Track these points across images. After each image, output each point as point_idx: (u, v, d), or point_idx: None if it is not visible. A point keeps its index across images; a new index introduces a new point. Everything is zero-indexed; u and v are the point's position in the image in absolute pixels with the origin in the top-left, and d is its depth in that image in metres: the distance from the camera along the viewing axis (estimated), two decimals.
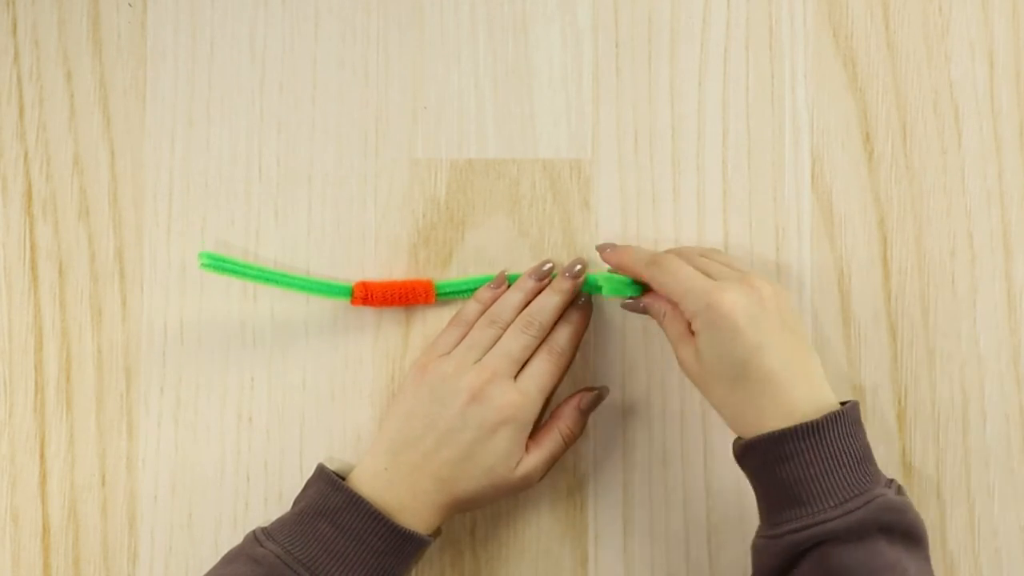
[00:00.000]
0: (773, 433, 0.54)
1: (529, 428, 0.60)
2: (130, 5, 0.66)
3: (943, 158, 0.65)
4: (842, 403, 0.56)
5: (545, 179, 0.66)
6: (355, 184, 0.66)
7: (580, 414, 0.62)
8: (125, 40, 0.66)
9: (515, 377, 0.60)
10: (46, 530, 0.65)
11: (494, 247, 0.65)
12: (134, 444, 0.65)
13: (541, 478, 0.61)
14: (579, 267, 0.62)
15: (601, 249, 0.63)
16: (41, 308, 0.65)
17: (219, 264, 0.62)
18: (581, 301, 0.63)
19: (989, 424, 0.65)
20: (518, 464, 0.59)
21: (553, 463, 0.61)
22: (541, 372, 0.60)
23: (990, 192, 0.65)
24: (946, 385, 0.65)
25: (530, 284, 0.63)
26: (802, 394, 0.55)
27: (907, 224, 0.65)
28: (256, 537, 0.58)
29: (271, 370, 0.65)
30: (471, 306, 0.63)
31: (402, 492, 0.58)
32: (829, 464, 0.54)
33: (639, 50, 0.66)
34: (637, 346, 0.65)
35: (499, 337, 0.61)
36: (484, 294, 0.63)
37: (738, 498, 0.64)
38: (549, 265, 0.63)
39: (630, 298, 0.61)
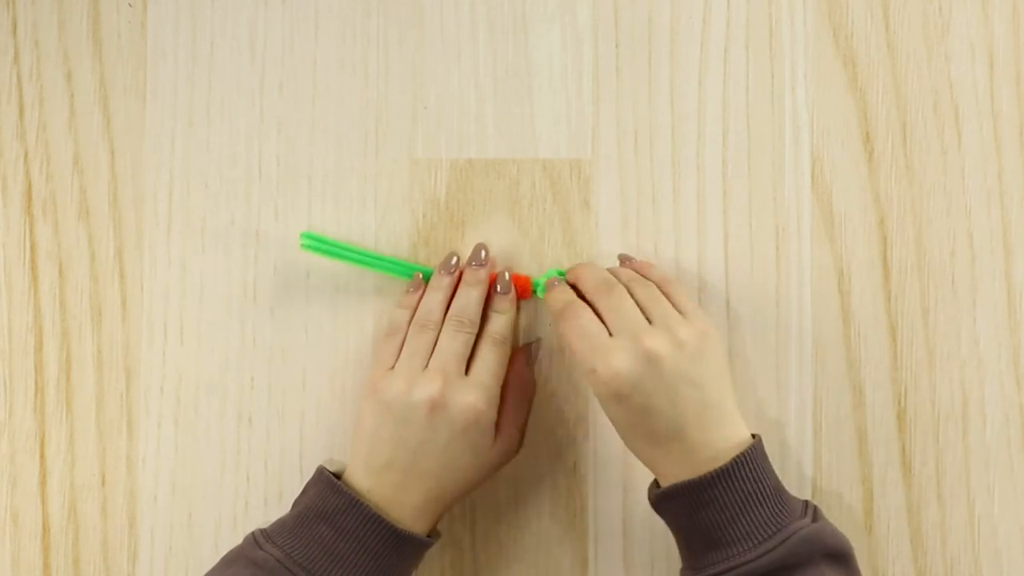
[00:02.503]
0: (686, 483, 0.55)
1: (494, 415, 0.60)
2: (130, 5, 0.66)
3: (943, 158, 0.65)
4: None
5: (545, 179, 0.66)
6: (355, 184, 0.66)
7: (528, 372, 0.64)
8: (125, 40, 0.66)
9: (466, 373, 0.61)
10: (46, 530, 0.65)
11: (494, 247, 0.65)
12: (134, 444, 0.65)
13: (520, 446, 0.63)
14: (483, 253, 0.63)
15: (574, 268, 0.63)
16: (41, 308, 0.65)
17: (319, 245, 0.63)
18: (501, 289, 0.63)
19: (989, 424, 0.65)
20: (496, 446, 0.60)
21: (525, 426, 0.63)
22: (489, 363, 0.61)
23: (990, 192, 0.65)
24: (946, 385, 0.65)
25: (445, 280, 0.63)
26: (710, 440, 0.56)
27: (907, 224, 0.65)
28: (255, 539, 0.58)
29: (271, 370, 0.65)
30: (399, 313, 0.63)
31: (392, 504, 0.58)
32: (744, 505, 0.55)
33: (639, 50, 0.66)
34: None
35: (435, 339, 0.61)
36: (408, 299, 0.63)
37: None
38: (455, 259, 0.63)
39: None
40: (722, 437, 0.56)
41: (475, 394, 0.59)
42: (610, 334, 0.57)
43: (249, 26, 0.66)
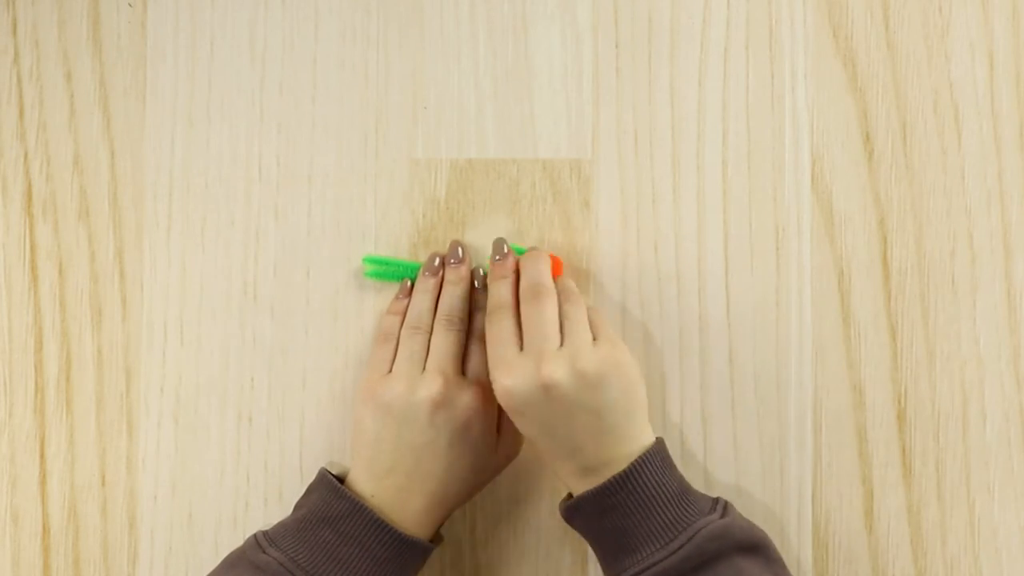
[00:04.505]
0: (587, 493, 0.56)
1: (495, 413, 0.60)
2: (130, 5, 0.66)
3: (943, 158, 0.65)
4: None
5: (545, 179, 0.66)
6: (355, 184, 0.66)
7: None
8: (125, 40, 0.66)
9: (463, 372, 0.61)
10: (46, 530, 0.65)
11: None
12: (134, 444, 0.65)
13: (520, 446, 0.62)
14: (459, 250, 0.64)
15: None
16: (41, 308, 0.65)
17: (380, 270, 0.65)
18: (479, 285, 0.64)
19: (989, 424, 0.65)
20: (498, 446, 0.61)
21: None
22: (484, 361, 0.60)
23: (990, 192, 0.65)
24: (946, 385, 0.65)
25: (431, 282, 0.63)
26: (608, 456, 0.56)
27: (907, 224, 0.65)
28: (258, 542, 0.58)
29: (271, 370, 0.65)
30: (389, 320, 0.63)
31: (395, 508, 0.58)
32: (648, 508, 0.56)
33: (639, 50, 0.66)
34: (637, 346, 0.65)
35: (428, 340, 0.61)
36: (397, 305, 0.64)
37: (737, 499, 0.64)
38: (438, 259, 0.64)
39: None
40: (622, 452, 0.57)
41: (475, 392, 0.59)
42: (521, 347, 0.58)
43: (249, 26, 0.66)
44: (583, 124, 0.66)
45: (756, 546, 0.56)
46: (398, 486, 0.58)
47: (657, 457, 0.57)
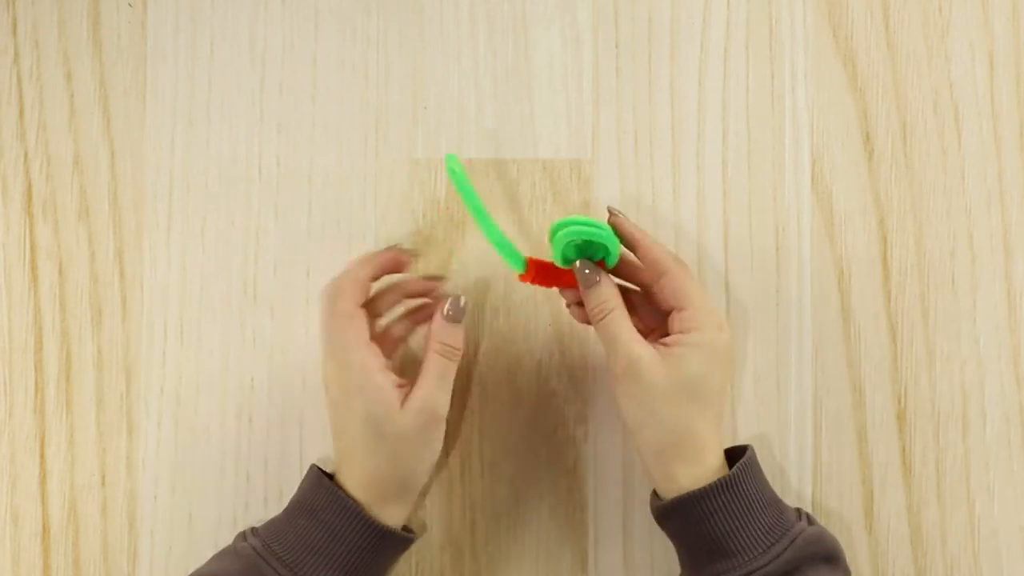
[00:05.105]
0: (689, 495, 0.56)
1: (370, 372, 0.57)
2: (130, 5, 0.66)
3: (943, 158, 0.65)
4: (734, 448, 0.58)
5: (545, 179, 0.66)
6: (355, 184, 0.66)
7: (449, 321, 0.59)
8: (125, 40, 0.66)
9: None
10: (46, 530, 0.65)
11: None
12: (134, 444, 0.65)
13: (445, 404, 0.58)
14: (461, 302, 0.59)
15: (615, 214, 0.60)
16: (41, 308, 0.65)
17: (457, 174, 0.58)
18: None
19: (989, 424, 0.65)
20: (402, 403, 0.57)
21: (447, 383, 0.58)
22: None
23: (990, 192, 0.65)
24: (946, 385, 0.65)
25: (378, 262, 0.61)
26: (714, 444, 0.57)
27: (907, 224, 0.65)
28: (244, 534, 0.58)
29: (271, 370, 0.65)
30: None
31: (369, 500, 0.57)
32: (749, 514, 0.56)
33: (639, 50, 0.66)
34: None
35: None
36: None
37: None
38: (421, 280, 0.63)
39: (580, 265, 0.58)
40: (717, 445, 0.57)
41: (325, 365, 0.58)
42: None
43: (249, 26, 0.66)
44: (583, 124, 0.66)
45: (837, 557, 0.56)
46: (352, 472, 0.58)
47: (754, 462, 0.57)
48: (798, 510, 0.58)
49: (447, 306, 0.59)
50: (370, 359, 0.57)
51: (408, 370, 0.64)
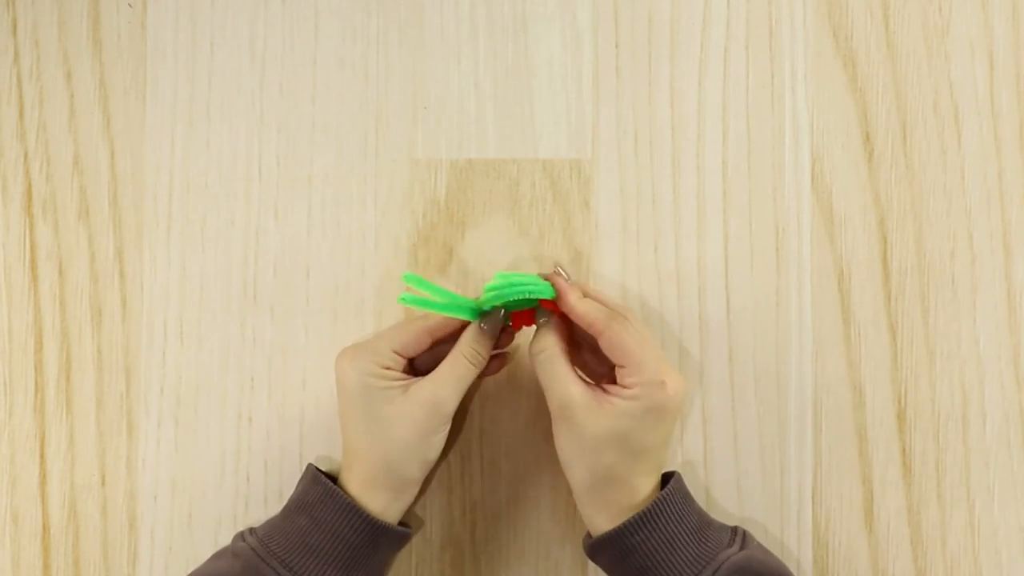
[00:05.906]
0: (609, 533, 0.56)
1: (356, 368, 0.58)
2: (130, 5, 0.66)
3: (943, 158, 0.65)
4: (669, 474, 0.58)
5: (545, 179, 0.66)
6: (355, 184, 0.66)
7: (482, 335, 0.59)
8: (125, 40, 0.66)
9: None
10: (46, 530, 0.65)
11: (494, 247, 0.65)
12: (134, 444, 0.65)
13: (452, 404, 0.58)
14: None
15: (555, 277, 0.60)
16: (41, 308, 0.65)
17: (417, 298, 0.57)
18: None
19: (989, 424, 0.65)
20: (405, 390, 0.57)
21: (461, 386, 0.58)
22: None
23: (990, 192, 0.65)
24: (946, 385, 0.65)
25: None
26: (645, 489, 0.57)
27: (907, 224, 0.65)
28: (242, 534, 0.58)
29: (271, 370, 0.65)
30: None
31: (365, 495, 0.58)
32: (671, 545, 0.56)
33: (639, 50, 0.66)
34: None
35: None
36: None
37: (738, 500, 0.64)
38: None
39: (532, 314, 0.59)
40: (650, 481, 0.57)
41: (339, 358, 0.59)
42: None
43: (249, 26, 0.66)
44: (583, 124, 0.66)
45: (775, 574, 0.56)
46: (351, 467, 0.59)
47: (678, 491, 0.57)
48: (734, 530, 0.58)
49: (486, 320, 0.59)
50: (384, 344, 0.58)
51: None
